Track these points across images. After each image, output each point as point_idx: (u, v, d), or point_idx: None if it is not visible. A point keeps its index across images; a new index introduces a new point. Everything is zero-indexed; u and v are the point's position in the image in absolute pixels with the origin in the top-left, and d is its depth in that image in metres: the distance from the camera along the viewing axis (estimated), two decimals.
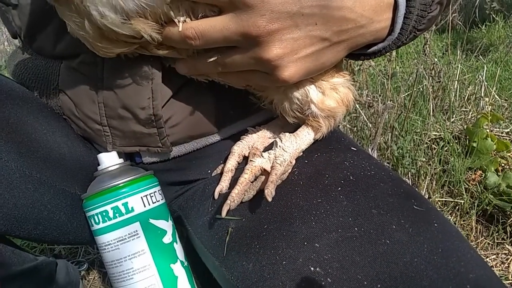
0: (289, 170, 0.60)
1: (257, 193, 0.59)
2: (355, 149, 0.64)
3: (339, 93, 0.60)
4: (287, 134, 0.61)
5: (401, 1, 0.52)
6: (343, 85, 0.60)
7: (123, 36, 0.51)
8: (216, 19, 0.49)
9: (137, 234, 0.62)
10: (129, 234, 0.62)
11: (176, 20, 0.50)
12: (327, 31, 0.49)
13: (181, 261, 0.65)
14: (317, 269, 0.47)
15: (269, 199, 0.52)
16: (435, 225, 0.51)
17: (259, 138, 0.66)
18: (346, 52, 0.54)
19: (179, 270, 0.64)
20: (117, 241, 0.62)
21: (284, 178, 0.59)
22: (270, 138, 0.67)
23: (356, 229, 0.50)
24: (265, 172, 0.58)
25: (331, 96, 0.59)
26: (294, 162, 0.60)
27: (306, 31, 0.48)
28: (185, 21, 0.50)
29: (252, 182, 0.59)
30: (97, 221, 0.63)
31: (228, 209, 0.55)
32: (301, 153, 0.62)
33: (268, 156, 0.59)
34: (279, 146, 0.60)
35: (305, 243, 0.50)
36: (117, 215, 0.62)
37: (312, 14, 0.47)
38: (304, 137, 0.62)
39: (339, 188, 0.55)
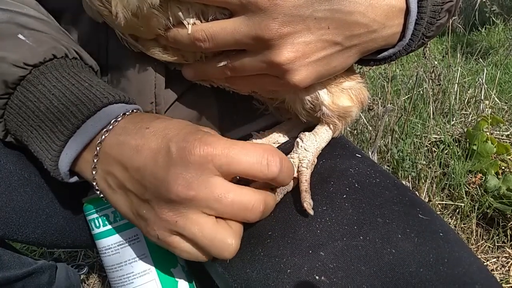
0: (312, 170, 0.59)
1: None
2: (360, 156, 0.63)
3: (351, 94, 0.59)
4: (306, 133, 0.61)
5: (413, 7, 0.51)
6: (354, 87, 0.60)
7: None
8: (227, 22, 0.48)
9: (138, 238, 0.61)
10: (129, 238, 0.61)
11: (185, 22, 0.49)
12: (339, 36, 0.49)
13: (182, 266, 0.65)
14: (322, 278, 0.47)
15: (311, 212, 0.51)
16: (440, 234, 0.50)
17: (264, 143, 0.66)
18: (357, 57, 0.54)
19: (180, 275, 0.64)
20: (118, 245, 0.61)
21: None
22: (274, 143, 0.67)
23: (361, 237, 0.49)
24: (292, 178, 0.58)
25: (343, 97, 0.59)
26: (316, 161, 0.60)
27: (318, 35, 0.48)
28: (194, 23, 0.49)
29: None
30: (97, 225, 0.62)
31: None
32: (321, 151, 0.61)
33: (292, 161, 0.58)
34: (301, 146, 0.59)
35: (310, 251, 0.49)
36: (117, 219, 0.62)
37: (325, 18, 0.47)
38: (323, 135, 0.61)
39: (344, 196, 0.54)
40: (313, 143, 0.60)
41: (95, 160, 0.50)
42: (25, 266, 0.69)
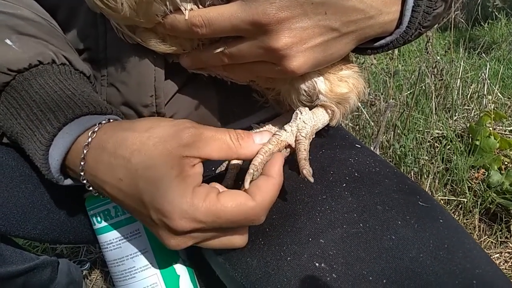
0: (309, 143, 0.57)
1: None
2: (359, 146, 0.64)
3: (348, 82, 0.59)
4: (306, 108, 0.60)
5: None
6: (352, 76, 0.59)
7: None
8: (224, 7, 0.48)
9: (139, 232, 0.62)
10: (131, 232, 0.62)
11: (182, 8, 0.49)
12: (336, 21, 0.49)
13: (183, 260, 0.65)
14: (322, 265, 0.47)
15: (312, 179, 0.50)
16: (440, 221, 0.50)
17: None
18: (355, 44, 0.54)
19: (181, 269, 0.64)
20: (119, 240, 0.62)
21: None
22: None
23: (361, 225, 0.49)
24: (289, 147, 0.57)
25: (340, 85, 0.58)
26: (313, 136, 0.59)
27: (315, 20, 0.48)
28: (191, 9, 0.49)
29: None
30: (99, 219, 0.62)
31: (251, 179, 0.52)
32: (314, 136, 0.60)
33: (291, 129, 0.57)
34: (299, 118, 0.58)
35: (310, 239, 0.50)
36: (119, 213, 0.62)
37: (322, 3, 0.47)
38: (320, 115, 0.60)
39: (344, 185, 0.54)
40: (311, 119, 0.59)
41: (85, 182, 0.52)
42: (27, 261, 0.70)
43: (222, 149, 0.48)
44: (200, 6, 0.49)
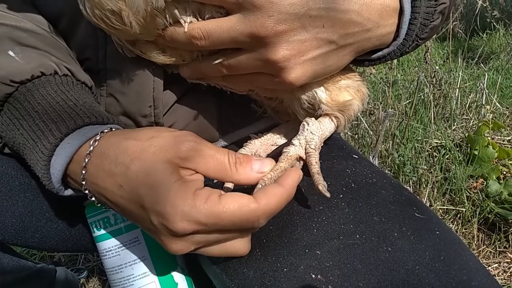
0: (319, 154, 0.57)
1: None
2: (356, 157, 0.64)
3: (349, 91, 0.59)
4: (312, 118, 0.60)
5: (406, 7, 0.52)
6: (352, 85, 0.60)
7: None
8: (223, 20, 0.49)
9: (138, 240, 0.62)
10: (130, 240, 0.62)
11: (182, 21, 0.49)
12: (334, 34, 0.49)
13: (181, 268, 0.65)
14: (318, 276, 0.47)
15: (328, 195, 0.50)
16: (437, 232, 0.50)
17: (262, 145, 0.66)
18: (352, 57, 0.54)
19: (179, 277, 0.64)
20: (118, 247, 0.62)
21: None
22: (272, 145, 0.67)
23: (357, 236, 0.49)
24: (300, 159, 0.57)
25: (340, 94, 0.59)
26: (322, 145, 0.59)
27: (313, 33, 0.48)
28: (191, 21, 0.50)
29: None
30: (98, 227, 0.63)
31: None
32: (322, 144, 0.60)
33: (299, 142, 0.57)
34: (307, 129, 0.58)
35: (307, 250, 0.50)
36: (118, 221, 0.62)
37: (320, 16, 0.47)
38: (327, 124, 0.61)
39: (341, 196, 0.55)
40: (318, 128, 0.59)
41: (87, 192, 0.52)
42: (24, 269, 0.69)
43: (218, 170, 0.48)
44: (200, 19, 0.50)
